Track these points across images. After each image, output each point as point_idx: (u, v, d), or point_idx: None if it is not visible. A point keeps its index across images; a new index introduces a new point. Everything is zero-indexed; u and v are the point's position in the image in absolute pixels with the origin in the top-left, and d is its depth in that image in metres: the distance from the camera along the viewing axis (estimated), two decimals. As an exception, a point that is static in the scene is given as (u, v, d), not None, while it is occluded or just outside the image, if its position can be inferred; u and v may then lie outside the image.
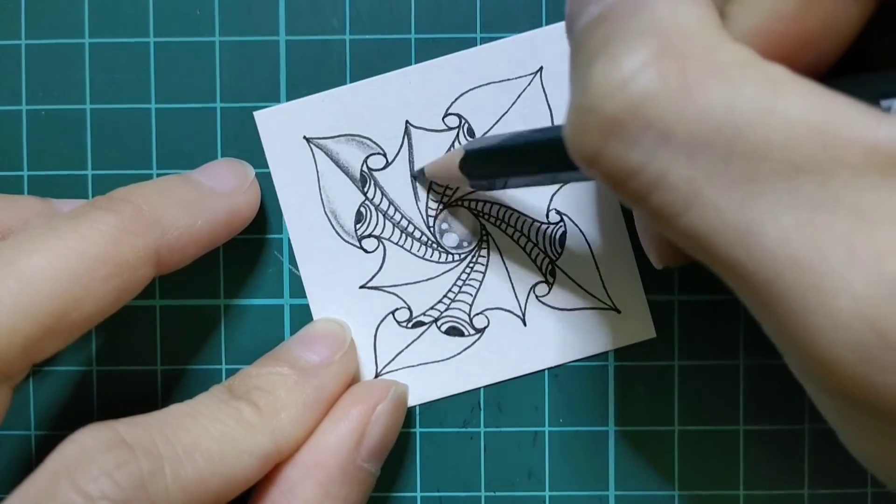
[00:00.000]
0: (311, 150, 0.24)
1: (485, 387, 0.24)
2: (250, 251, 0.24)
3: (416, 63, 0.24)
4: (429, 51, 0.24)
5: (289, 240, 0.24)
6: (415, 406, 0.24)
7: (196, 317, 0.24)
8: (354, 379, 0.24)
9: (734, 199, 0.13)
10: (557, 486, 0.24)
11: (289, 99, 0.24)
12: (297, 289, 0.24)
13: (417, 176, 0.24)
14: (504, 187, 0.23)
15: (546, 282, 0.24)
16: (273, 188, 0.24)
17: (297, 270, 0.24)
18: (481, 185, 0.22)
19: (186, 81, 0.24)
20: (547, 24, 0.24)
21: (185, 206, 0.21)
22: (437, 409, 0.25)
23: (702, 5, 0.15)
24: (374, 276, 0.24)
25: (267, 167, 0.24)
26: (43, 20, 0.24)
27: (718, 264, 0.14)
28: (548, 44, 0.24)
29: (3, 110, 0.24)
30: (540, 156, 0.20)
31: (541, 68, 0.24)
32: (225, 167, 0.23)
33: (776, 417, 0.24)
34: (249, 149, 0.24)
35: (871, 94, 0.14)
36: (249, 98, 0.24)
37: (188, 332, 0.24)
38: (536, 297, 0.24)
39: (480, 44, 0.24)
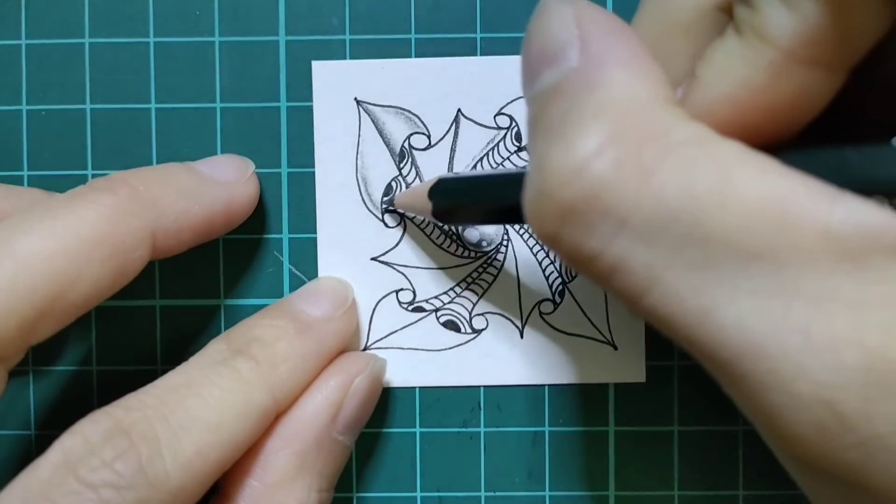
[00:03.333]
0: (359, 112, 0.24)
1: (475, 386, 0.24)
2: (250, 251, 0.24)
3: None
4: (429, 51, 0.24)
5: (289, 239, 0.24)
6: (415, 406, 0.24)
7: (196, 317, 0.24)
8: (348, 345, 0.24)
9: (692, 284, 0.13)
10: (557, 486, 0.24)
11: (289, 99, 0.24)
12: (297, 289, 0.24)
13: (386, 205, 0.24)
14: (464, 222, 0.23)
15: (553, 301, 0.24)
16: (273, 188, 0.24)
17: (297, 271, 0.24)
18: (443, 215, 0.22)
19: (186, 81, 0.24)
20: (547, 24, 0.24)
21: (183, 191, 0.21)
22: (438, 409, 0.25)
23: (656, 81, 0.15)
24: (387, 252, 0.24)
25: (267, 167, 0.24)
26: (43, 20, 0.24)
27: (681, 342, 0.14)
28: None
29: (3, 110, 0.24)
30: (510, 194, 0.19)
31: None
32: (225, 159, 0.23)
33: (776, 417, 0.24)
34: (249, 149, 0.24)
35: (833, 167, 0.14)
36: (249, 98, 0.24)
37: (188, 332, 0.25)
38: (540, 313, 0.24)
39: (480, 44, 0.24)
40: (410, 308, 0.24)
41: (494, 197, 0.20)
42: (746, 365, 0.13)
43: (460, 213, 0.22)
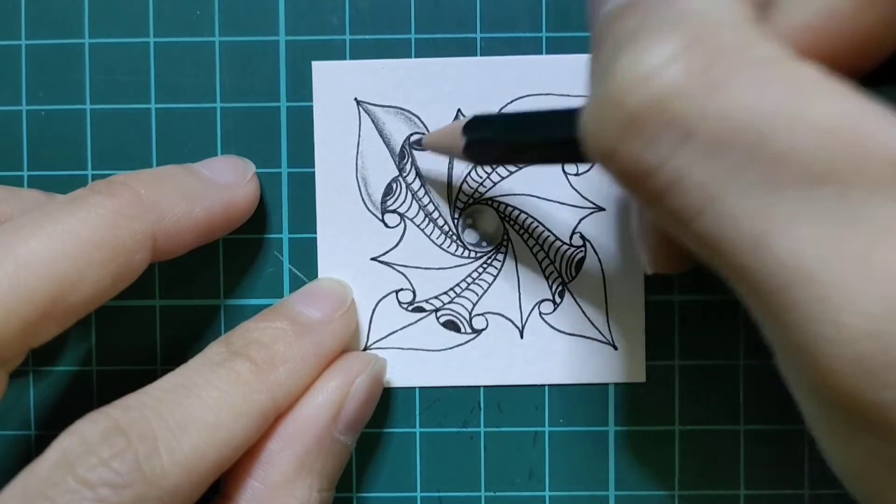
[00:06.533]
0: (359, 112, 0.24)
1: (475, 386, 0.24)
2: (250, 251, 0.24)
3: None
4: (429, 51, 0.24)
5: (289, 239, 0.24)
6: (415, 406, 0.25)
7: (196, 317, 0.24)
8: (348, 346, 0.24)
9: (750, 207, 0.13)
10: (557, 486, 0.24)
11: (289, 99, 0.24)
12: (297, 289, 0.24)
13: (414, 144, 0.24)
14: (496, 161, 0.22)
15: (553, 301, 0.24)
16: (273, 188, 0.24)
17: (297, 271, 0.24)
18: (475, 152, 0.21)
19: (186, 81, 0.24)
20: (547, 25, 0.24)
21: (184, 194, 0.21)
22: (437, 409, 0.25)
23: (740, 0, 0.14)
24: (388, 252, 0.24)
25: (267, 167, 0.24)
26: (43, 20, 0.24)
27: (728, 269, 0.14)
28: None
29: (3, 110, 0.24)
30: (547, 130, 0.19)
31: None
32: (226, 161, 0.23)
33: (776, 417, 0.24)
34: (249, 149, 0.24)
35: None
36: (249, 98, 0.24)
37: (188, 332, 0.25)
38: (540, 313, 0.24)
39: (480, 43, 0.24)
40: (410, 308, 0.24)
41: (532, 131, 0.20)
42: (795, 294, 0.13)
43: (494, 149, 0.21)
